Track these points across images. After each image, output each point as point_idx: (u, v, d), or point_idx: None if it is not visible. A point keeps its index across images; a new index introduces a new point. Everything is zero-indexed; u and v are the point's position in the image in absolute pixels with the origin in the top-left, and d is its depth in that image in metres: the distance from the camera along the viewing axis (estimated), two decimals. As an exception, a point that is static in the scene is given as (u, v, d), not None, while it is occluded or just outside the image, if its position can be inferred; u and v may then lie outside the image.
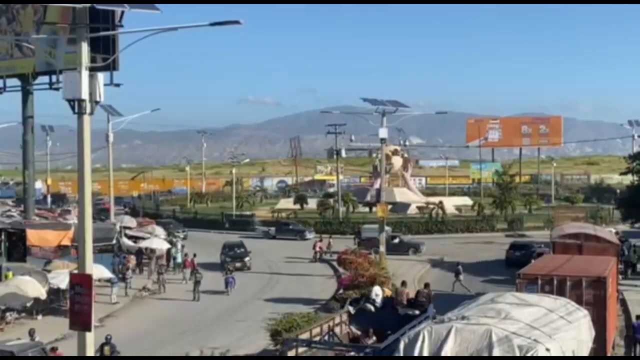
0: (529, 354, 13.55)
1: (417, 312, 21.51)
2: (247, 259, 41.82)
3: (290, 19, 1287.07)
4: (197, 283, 34.50)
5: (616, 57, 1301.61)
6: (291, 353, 17.86)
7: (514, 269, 25.90)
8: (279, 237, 55.90)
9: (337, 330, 20.38)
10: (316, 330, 19.51)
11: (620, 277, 31.05)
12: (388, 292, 24.66)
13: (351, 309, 21.97)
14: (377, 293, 23.05)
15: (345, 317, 21.44)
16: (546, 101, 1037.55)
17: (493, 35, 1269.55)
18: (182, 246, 44.43)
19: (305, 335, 19.06)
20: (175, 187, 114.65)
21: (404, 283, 25.50)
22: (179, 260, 41.14)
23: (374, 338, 20.01)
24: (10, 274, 31.15)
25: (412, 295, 23.94)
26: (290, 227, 58.13)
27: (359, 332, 20.95)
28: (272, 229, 58.41)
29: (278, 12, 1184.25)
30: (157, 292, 35.92)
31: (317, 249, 45.89)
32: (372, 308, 22.03)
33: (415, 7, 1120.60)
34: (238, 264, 40.88)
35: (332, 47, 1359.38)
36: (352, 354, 17.84)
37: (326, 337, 19.70)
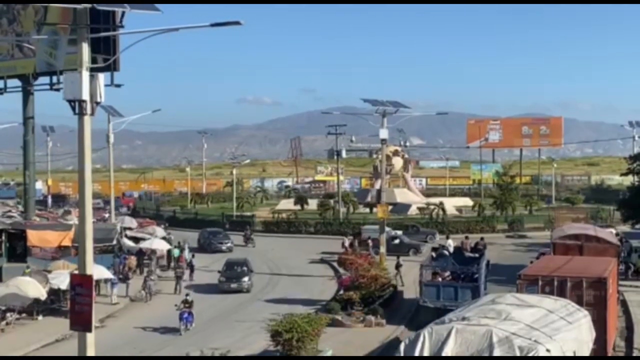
0: (529, 355, 13.57)
1: (477, 255, 33.12)
2: (245, 279, 36.44)
3: (288, 19, 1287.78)
4: (178, 278, 36.24)
5: (616, 57, 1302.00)
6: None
7: None
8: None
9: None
10: None
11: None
12: (456, 244, 37.23)
13: (433, 254, 32.69)
14: (450, 244, 37.50)
15: (430, 260, 31.56)
16: (546, 101, 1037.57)
17: (493, 35, 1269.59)
18: (184, 246, 44.49)
19: None
20: (129, 190, 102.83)
21: (467, 237, 41.10)
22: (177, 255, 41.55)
23: (448, 272, 29.61)
24: (28, 270, 31.45)
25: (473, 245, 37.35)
26: (420, 230, 54.37)
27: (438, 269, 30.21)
28: (398, 232, 51.30)
29: (276, 11, 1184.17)
30: (144, 300, 33.85)
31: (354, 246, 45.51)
32: (447, 253, 33.31)
33: (415, 7, 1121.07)
34: (234, 285, 36.05)
35: (331, 46, 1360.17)
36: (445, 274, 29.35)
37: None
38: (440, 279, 28.82)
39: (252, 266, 38.51)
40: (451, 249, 34.83)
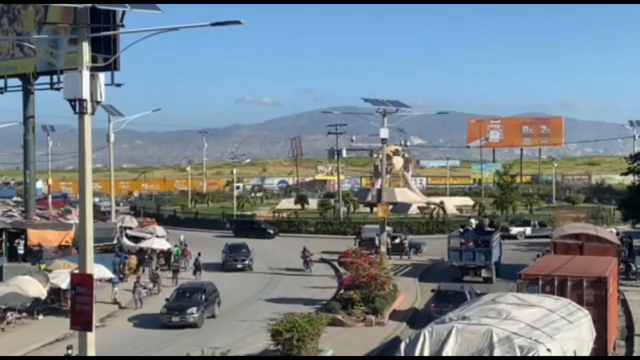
0: (530, 354, 13.56)
1: (493, 229, 40.53)
2: (191, 310, 28.16)
3: (288, 19, 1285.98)
4: (175, 272, 37.75)
5: (617, 57, 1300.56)
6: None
7: None
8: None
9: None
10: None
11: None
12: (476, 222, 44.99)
13: (461, 230, 40.94)
14: (472, 221, 45.20)
15: (458, 233, 40.13)
16: (547, 101, 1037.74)
17: (493, 35, 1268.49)
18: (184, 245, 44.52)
19: None
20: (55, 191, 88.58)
21: (486, 216, 54.59)
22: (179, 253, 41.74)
23: (472, 242, 37.73)
24: (42, 266, 31.44)
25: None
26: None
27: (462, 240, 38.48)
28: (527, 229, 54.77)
29: (276, 12, 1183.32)
30: (134, 307, 32.04)
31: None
32: (470, 228, 40.85)
33: (414, 7, 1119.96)
34: (175, 319, 28.11)
35: (331, 47, 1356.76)
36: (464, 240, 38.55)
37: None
38: (464, 246, 37.60)
39: (216, 294, 30.73)
40: (473, 226, 42.34)
